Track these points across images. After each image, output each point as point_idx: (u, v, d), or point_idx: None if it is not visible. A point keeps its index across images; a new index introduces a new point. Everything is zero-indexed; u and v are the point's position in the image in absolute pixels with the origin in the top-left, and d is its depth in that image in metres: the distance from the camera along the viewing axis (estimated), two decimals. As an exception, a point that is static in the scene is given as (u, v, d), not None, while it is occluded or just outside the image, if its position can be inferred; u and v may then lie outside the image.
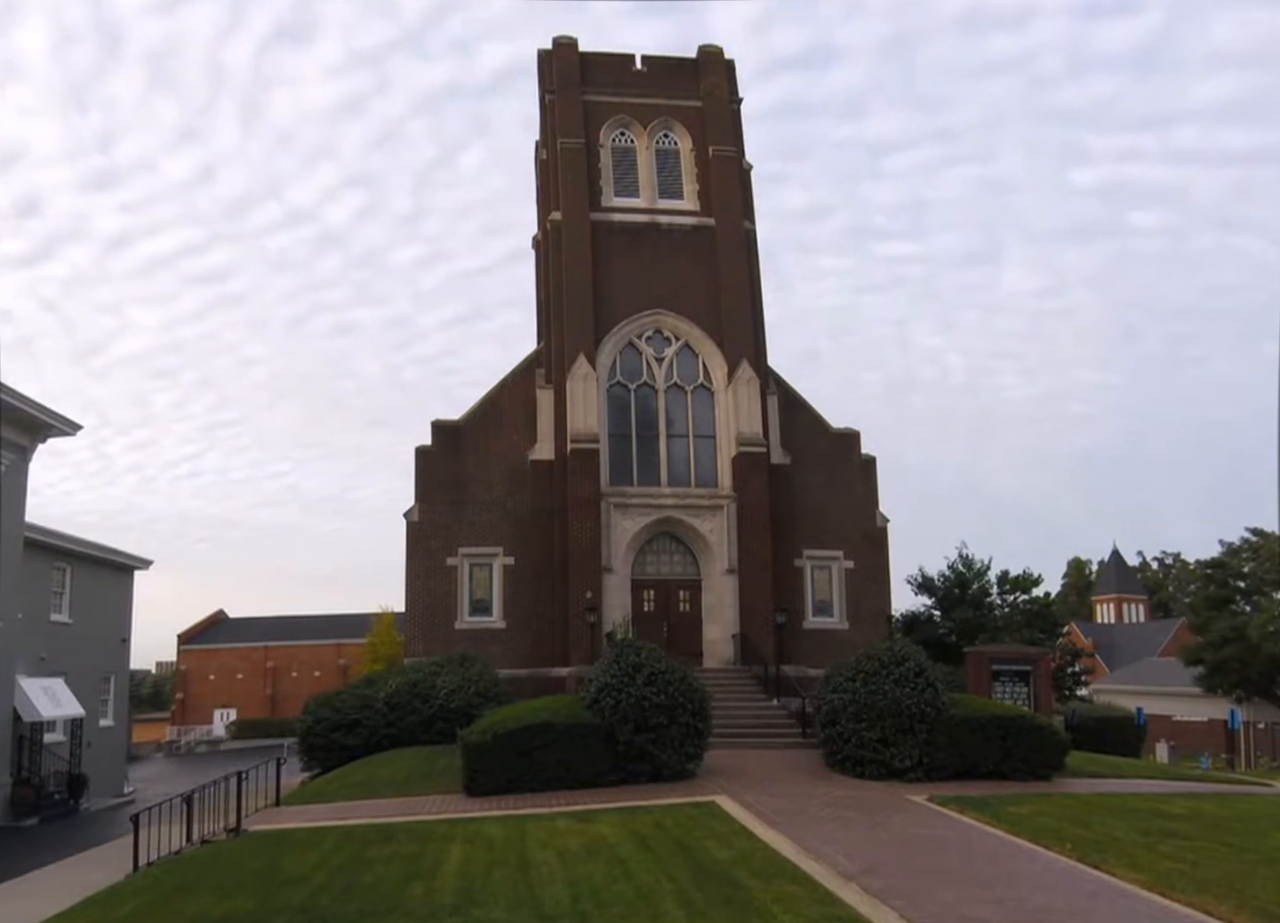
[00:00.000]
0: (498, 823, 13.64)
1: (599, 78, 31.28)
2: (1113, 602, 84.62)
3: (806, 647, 27.82)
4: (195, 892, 10.90)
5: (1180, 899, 9.20)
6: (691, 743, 17.26)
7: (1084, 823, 13.02)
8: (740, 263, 29.81)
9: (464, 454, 28.83)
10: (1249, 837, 12.63)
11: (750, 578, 27.56)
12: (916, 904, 8.78)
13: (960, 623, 33.85)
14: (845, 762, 17.70)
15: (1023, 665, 22.03)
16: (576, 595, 26.60)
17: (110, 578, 33.71)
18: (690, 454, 29.15)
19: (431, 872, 10.88)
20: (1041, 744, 17.48)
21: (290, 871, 11.42)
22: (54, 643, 28.84)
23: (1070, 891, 9.59)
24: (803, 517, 29.32)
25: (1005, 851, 11.50)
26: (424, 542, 28.14)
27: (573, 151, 30.01)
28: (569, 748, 16.62)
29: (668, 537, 28.73)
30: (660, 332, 29.58)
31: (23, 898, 12.95)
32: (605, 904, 9.24)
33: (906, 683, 17.43)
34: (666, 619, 27.97)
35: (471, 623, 27.82)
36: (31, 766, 26.54)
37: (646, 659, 17.55)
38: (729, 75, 32.03)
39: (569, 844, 11.94)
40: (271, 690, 68.46)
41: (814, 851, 11.01)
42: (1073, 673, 38.01)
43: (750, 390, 28.74)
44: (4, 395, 23.20)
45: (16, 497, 24.84)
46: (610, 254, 29.38)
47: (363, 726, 22.35)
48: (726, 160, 30.56)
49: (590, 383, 28.20)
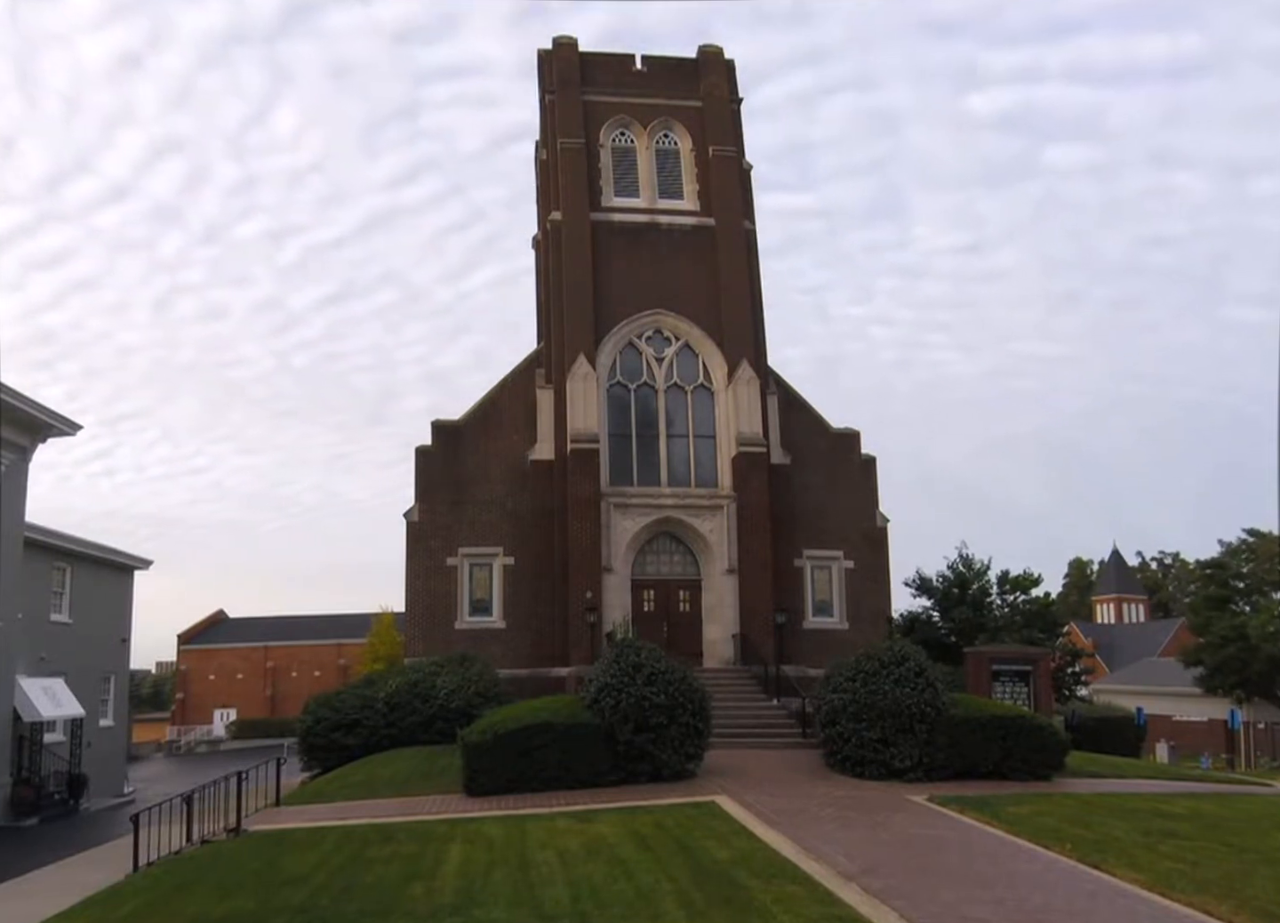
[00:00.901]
0: (498, 823, 13.64)
1: (599, 78, 31.29)
2: (1113, 602, 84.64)
3: (806, 647, 27.81)
4: (195, 892, 10.90)
5: (1180, 899, 9.20)
6: (691, 743, 17.27)
7: (1084, 823, 13.02)
8: (740, 263, 29.82)
9: (464, 454, 28.82)
10: (1249, 837, 12.63)
11: (750, 578, 27.56)
12: (916, 904, 8.78)
13: (960, 623, 33.87)
14: (845, 762, 17.71)
15: (1023, 666, 22.05)
16: (576, 595, 26.60)
17: (110, 578, 33.71)
18: (690, 454, 29.15)
19: (431, 872, 10.88)
20: (1041, 744, 17.50)
21: (290, 871, 11.42)
22: (54, 643, 28.84)
23: (1070, 891, 9.59)
24: (803, 517, 29.32)
25: (1005, 851, 11.50)
26: (424, 542, 28.14)
27: (573, 152, 30.02)
28: (569, 748, 16.62)
29: (668, 537, 28.74)
30: (660, 332, 29.59)
31: (23, 898, 12.94)
32: (605, 904, 9.24)
33: (906, 683, 17.44)
34: (666, 619, 27.96)
35: (471, 623, 27.82)
36: (31, 766, 26.54)
37: (646, 659, 17.56)
38: (729, 75, 32.06)
39: (569, 844, 11.94)
40: (271, 690, 68.45)
41: (814, 851, 11.01)
42: (1073, 673, 38.01)
43: (750, 390, 28.74)
44: (4, 395, 23.19)
45: (16, 497, 24.84)
46: (610, 254, 29.38)
47: (363, 726, 22.35)
48: (726, 160, 30.56)
49: (590, 383, 28.20)
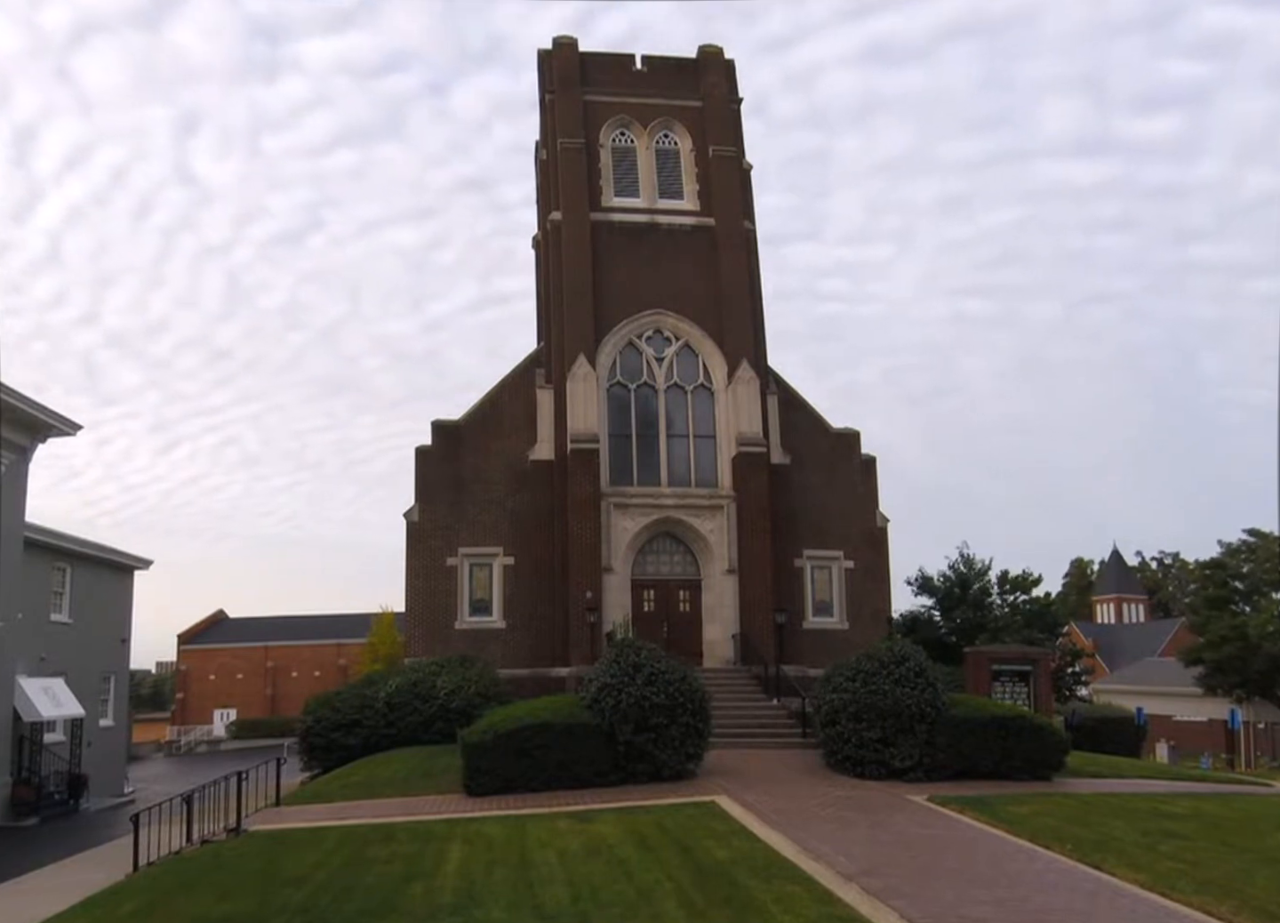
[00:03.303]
0: (498, 823, 13.64)
1: (599, 78, 31.26)
2: (1113, 602, 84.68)
3: (806, 647, 27.79)
4: (195, 892, 10.90)
5: (1180, 899, 9.21)
6: (691, 743, 17.26)
7: (1084, 823, 13.03)
8: (740, 263, 29.80)
9: (464, 454, 28.79)
10: (1249, 837, 12.64)
11: (750, 578, 27.54)
12: (916, 904, 8.78)
13: (960, 623, 33.94)
14: (845, 762, 17.71)
15: (1023, 666, 22.07)
16: (576, 595, 26.58)
17: (110, 578, 33.71)
18: (690, 454, 29.13)
19: (431, 872, 10.88)
20: (1041, 744, 17.50)
21: (290, 871, 11.42)
22: (54, 643, 28.83)
23: (1070, 891, 9.59)
24: (803, 517, 29.29)
25: (1005, 851, 11.51)
26: (424, 542, 28.11)
27: (573, 151, 30.00)
28: (569, 748, 16.62)
29: (668, 537, 28.72)
30: (660, 332, 29.57)
31: (23, 898, 12.93)
32: (605, 904, 9.24)
33: (906, 683, 17.44)
34: (666, 619, 27.94)
35: (471, 623, 27.80)
36: (31, 766, 26.54)
37: (646, 659, 17.56)
38: (729, 75, 32.03)
39: (569, 844, 11.95)
40: (271, 691, 68.45)
41: (814, 851, 11.01)
42: (1073, 673, 38.11)
43: (750, 390, 28.72)
44: (4, 395, 23.19)
45: (16, 497, 24.83)
46: (610, 254, 29.35)
47: (363, 726, 22.34)
48: (726, 160, 30.54)
49: (590, 383, 28.18)
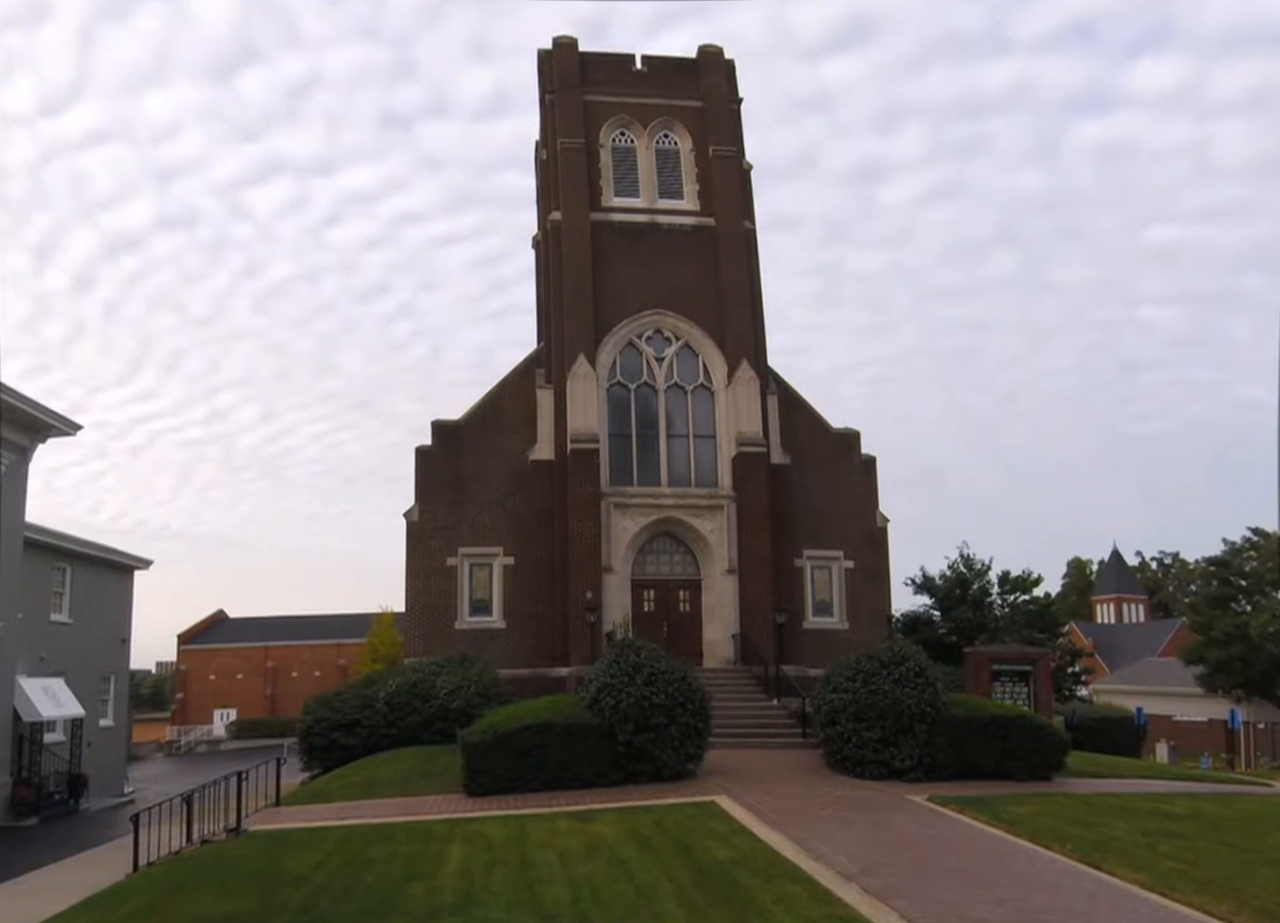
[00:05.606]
0: (498, 823, 13.64)
1: (599, 78, 31.25)
2: (1113, 602, 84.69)
3: (806, 647, 27.79)
4: (195, 892, 10.89)
5: (1180, 899, 9.21)
6: (691, 743, 17.25)
7: (1084, 823, 13.03)
8: (740, 263, 29.80)
9: (464, 454, 28.79)
10: (1249, 837, 12.64)
11: (750, 578, 27.54)
12: (917, 904, 8.78)
13: (960, 623, 33.89)
14: (845, 762, 17.70)
15: (1023, 666, 22.05)
16: (576, 595, 26.58)
17: (110, 578, 33.71)
18: (690, 454, 29.13)
19: (431, 872, 10.88)
20: (1041, 744, 17.50)
21: (290, 871, 11.41)
22: (54, 643, 28.84)
23: (1070, 891, 9.58)
24: (803, 517, 29.29)
25: (1005, 851, 11.50)
26: (424, 542, 28.11)
27: (573, 151, 30.00)
28: (569, 748, 16.61)
29: (668, 537, 28.71)
30: (660, 332, 29.56)
31: (23, 898, 12.92)
32: (605, 904, 9.24)
33: (906, 683, 17.43)
34: (666, 619, 27.94)
35: (471, 623, 27.80)
36: (31, 766, 26.55)
37: (646, 659, 17.55)
38: (729, 75, 32.03)
39: (569, 844, 11.94)
40: (271, 690, 68.48)
41: (814, 851, 11.01)
42: (1073, 673, 38.03)
43: (750, 390, 28.72)
44: (4, 395, 23.19)
45: (16, 497, 24.83)
46: (610, 254, 29.35)
47: (363, 725, 22.33)
48: (726, 160, 30.54)
49: (590, 383, 28.18)
